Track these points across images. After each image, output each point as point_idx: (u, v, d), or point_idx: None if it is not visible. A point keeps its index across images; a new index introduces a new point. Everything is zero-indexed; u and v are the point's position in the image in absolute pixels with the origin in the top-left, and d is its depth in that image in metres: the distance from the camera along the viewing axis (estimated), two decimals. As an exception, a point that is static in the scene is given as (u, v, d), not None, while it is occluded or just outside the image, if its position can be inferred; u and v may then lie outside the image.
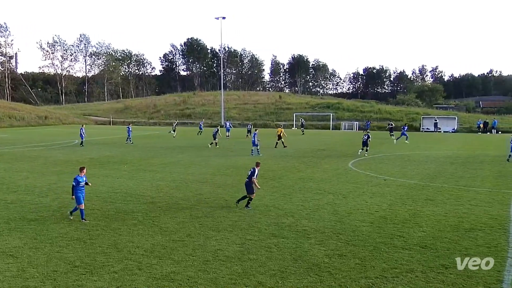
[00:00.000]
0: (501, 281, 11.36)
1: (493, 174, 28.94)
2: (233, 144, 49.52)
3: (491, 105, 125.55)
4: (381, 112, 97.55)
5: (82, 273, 11.68)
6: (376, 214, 18.01)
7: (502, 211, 18.70)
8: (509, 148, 36.04)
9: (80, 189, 16.68)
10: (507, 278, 11.50)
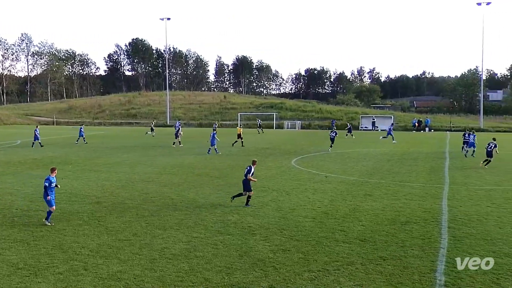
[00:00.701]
0: (434, 270, 11.80)
1: (426, 170, 29.98)
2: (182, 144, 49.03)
3: (424, 104, 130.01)
4: (322, 112, 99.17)
5: (25, 275, 11.29)
6: (318, 210, 18.31)
7: (435, 205, 19.41)
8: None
9: (52, 190, 15.99)
10: (440, 268, 11.95)
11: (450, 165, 32.10)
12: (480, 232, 15.29)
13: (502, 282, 11.03)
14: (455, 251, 13.29)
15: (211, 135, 39.58)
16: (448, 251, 13.26)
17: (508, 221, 16.70)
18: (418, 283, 10.98)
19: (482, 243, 14.03)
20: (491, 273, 11.57)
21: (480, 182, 25.03)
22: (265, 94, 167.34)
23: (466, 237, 14.71)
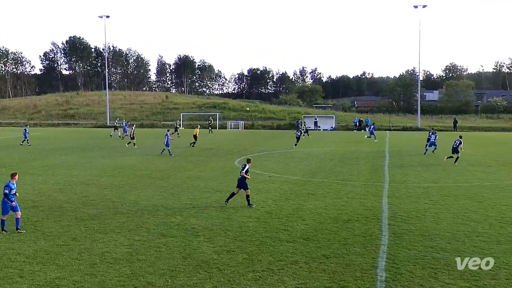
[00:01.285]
0: (376, 267, 12.13)
1: (367, 168, 30.77)
2: (120, 145, 48.02)
3: (365, 104, 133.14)
4: (265, 112, 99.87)
5: (-45, 285, 10.77)
6: (262, 210, 18.42)
7: (376, 202, 19.95)
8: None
9: (11, 197, 15.17)
10: (381, 264, 12.30)
11: (390, 164, 33.08)
12: (419, 228, 15.83)
13: (440, 276, 11.46)
14: (395, 247, 13.71)
15: (166, 136, 38.83)
16: (388, 248, 13.67)
17: (444, 217, 17.38)
18: (360, 280, 11.25)
19: (420, 239, 14.54)
20: (429, 267, 12.01)
21: (418, 180, 25.92)
22: (208, 94, 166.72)
23: (406, 233, 15.20)
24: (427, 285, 10.94)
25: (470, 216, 17.49)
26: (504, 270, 11.86)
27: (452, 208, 18.83)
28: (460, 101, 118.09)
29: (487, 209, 18.63)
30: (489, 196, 21.29)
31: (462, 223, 16.50)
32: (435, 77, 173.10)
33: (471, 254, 13.07)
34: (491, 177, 26.95)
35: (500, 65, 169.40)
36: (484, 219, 17.10)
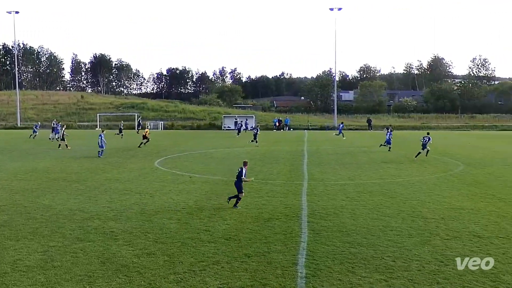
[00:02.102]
0: (296, 263, 12.37)
1: (287, 167, 31.32)
2: (33, 147, 45.85)
3: (284, 104, 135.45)
4: (185, 112, 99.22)
5: None
6: (183, 211, 18.26)
7: (295, 201, 20.36)
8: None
9: None
10: (301, 261, 12.57)
11: (309, 162, 33.88)
12: (336, 224, 16.33)
13: (357, 270, 11.88)
14: (314, 244, 14.05)
15: (99, 137, 37.41)
16: (308, 245, 13.99)
17: (360, 213, 18.03)
18: (281, 277, 11.43)
19: (338, 235, 15.00)
20: (347, 262, 12.42)
21: (335, 177, 26.73)
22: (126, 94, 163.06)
23: (324, 230, 15.63)
24: (345, 280, 11.31)
25: (384, 211, 18.27)
26: (415, 262, 12.49)
27: (367, 204, 19.58)
28: (374, 101, 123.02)
29: (400, 204, 19.54)
30: (401, 192, 22.34)
31: (377, 218, 17.20)
32: (350, 78, 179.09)
33: (385, 247, 13.66)
34: (403, 174, 28.29)
35: (410, 66, 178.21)
36: (397, 213, 17.92)
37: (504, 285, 10.97)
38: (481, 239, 14.64)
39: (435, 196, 21.24)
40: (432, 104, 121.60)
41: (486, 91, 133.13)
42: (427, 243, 14.17)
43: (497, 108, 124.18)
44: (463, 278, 11.36)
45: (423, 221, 16.76)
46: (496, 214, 17.91)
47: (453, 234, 15.18)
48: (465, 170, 29.72)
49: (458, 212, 18.13)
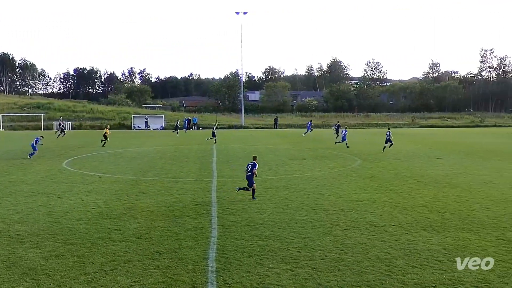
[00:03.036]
0: (207, 258, 12.36)
1: (196, 166, 31.19)
2: None
3: (193, 104, 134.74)
4: (94, 112, 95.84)
5: None
6: (92, 211, 17.63)
7: (205, 197, 20.34)
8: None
9: None
10: (211, 255, 12.58)
11: (218, 160, 33.96)
12: (245, 219, 16.51)
13: (265, 262, 12.09)
14: (224, 238, 14.12)
15: (35, 140, 35.10)
16: (218, 239, 14.03)
17: (267, 207, 18.35)
18: (192, 272, 11.38)
19: (247, 229, 15.17)
20: (255, 255, 12.59)
21: (243, 174, 26.80)
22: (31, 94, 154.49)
23: (233, 225, 15.74)
24: (253, 271, 11.46)
25: (289, 205, 18.72)
26: (318, 251, 12.93)
27: (274, 199, 19.97)
28: (278, 100, 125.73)
29: (304, 198, 20.12)
30: (305, 186, 23.01)
31: (283, 212, 17.59)
32: (256, 79, 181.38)
33: (291, 239, 14.01)
34: (306, 169, 29.14)
35: (311, 69, 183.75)
36: (301, 207, 18.43)
37: (397, 269, 11.63)
38: (377, 227, 15.42)
39: (335, 189, 22.09)
40: (332, 104, 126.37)
41: (379, 92, 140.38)
42: (329, 233, 14.71)
43: (389, 107, 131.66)
44: (361, 265, 11.91)
45: (325, 213, 17.36)
46: (389, 204, 18.95)
47: (352, 224, 15.87)
48: (362, 164, 31.15)
49: (356, 204, 18.97)
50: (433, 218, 16.61)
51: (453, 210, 17.82)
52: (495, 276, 11.16)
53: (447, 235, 14.52)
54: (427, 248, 13.22)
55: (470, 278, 11.03)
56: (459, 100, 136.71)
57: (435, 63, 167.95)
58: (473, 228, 15.30)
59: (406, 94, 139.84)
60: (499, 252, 12.90)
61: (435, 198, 20.12)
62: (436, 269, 11.63)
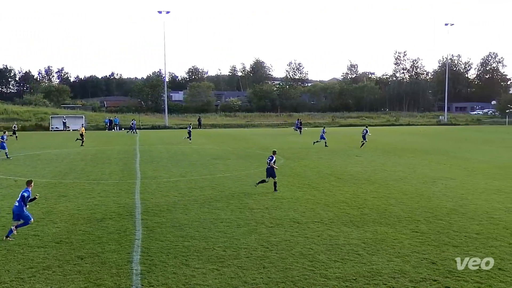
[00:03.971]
0: (131, 261, 12.10)
1: (119, 167, 30.40)
2: None
3: (115, 104, 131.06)
4: (8, 113, 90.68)
5: None
6: (8, 217, 16.69)
7: (129, 199, 19.87)
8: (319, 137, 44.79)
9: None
10: (136, 258, 12.33)
11: (141, 161, 33.29)
12: (170, 220, 16.32)
13: (190, 262, 12.01)
14: (148, 240, 13.87)
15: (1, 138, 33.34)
16: (143, 242, 13.77)
17: (192, 208, 18.24)
18: (116, 276, 11.09)
19: (172, 230, 15.00)
20: (181, 256, 12.49)
21: (168, 175, 26.66)
22: None
23: (158, 226, 15.51)
24: (179, 272, 11.35)
25: (214, 205, 18.71)
26: (244, 250, 13.02)
27: (199, 199, 19.88)
28: (202, 101, 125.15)
29: (229, 197, 20.18)
30: (230, 186, 23.08)
31: (208, 212, 17.55)
32: (180, 79, 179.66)
33: (216, 238, 14.02)
34: (231, 169, 29.24)
35: (235, 69, 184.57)
36: (226, 206, 18.47)
37: (320, 264, 11.95)
38: (300, 224, 15.77)
39: (260, 188, 22.31)
40: (255, 104, 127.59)
41: (301, 92, 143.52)
42: (254, 232, 14.85)
43: (310, 107, 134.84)
44: (285, 261, 12.12)
45: (249, 211, 17.51)
46: (311, 201, 19.43)
47: (276, 221, 16.12)
48: (285, 163, 31.68)
49: (280, 202, 19.28)
50: (353, 214, 17.23)
51: (371, 206, 18.57)
52: (410, 266, 11.75)
53: (366, 230, 15.11)
54: (347, 243, 13.69)
55: (388, 269, 11.54)
56: (375, 100, 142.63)
57: (353, 65, 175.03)
58: (390, 222, 16.03)
59: (327, 94, 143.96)
60: (413, 243, 13.60)
61: (354, 194, 20.87)
62: (356, 262, 12.07)
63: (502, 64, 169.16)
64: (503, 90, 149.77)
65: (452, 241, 13.83)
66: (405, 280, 10.90)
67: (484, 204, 18.78)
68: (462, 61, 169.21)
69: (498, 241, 13.88)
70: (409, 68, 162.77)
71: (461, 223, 15.86)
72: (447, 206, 18.42)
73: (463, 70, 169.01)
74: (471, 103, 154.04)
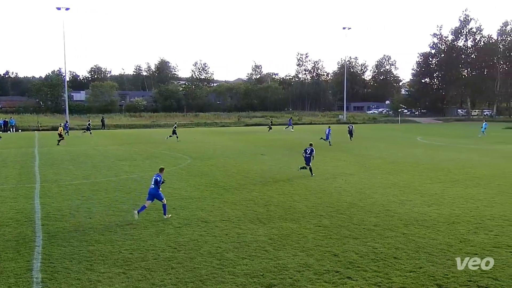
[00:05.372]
0: (31, 269, 11.45)
1: (16, 170, 28.62)
2: None
3: (10, 105, 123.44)
4: None
5: None
6: None
7: (28, 204, 18.77)
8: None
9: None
10: (36, 266, 11.69)
11: (40, 164, 31.54)
12: (73, 224, 15.64)
13: (95, 267, 11.59)
14: (50, 247, 13.20)
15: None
16: (43, 248, 13.08)
17: (97, 211, 17.60)
18: (14, 286, 10.46)
19: (75, 235, 14.38)
20: (85, 261, 12.02)
21: (70, 178, 25.50)
22: None
23: (60, 231, 14.80)
24: (83, 278, 10.92)
25: (120, 207, 18.18)
26: (151, 252, 12.78)
27: (103, 202, 19.21)
28: (106, 100, 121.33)
29: (135, 199, 19.67)
30: (136, 187, 22.52)
31: (113, 215, 17.03)
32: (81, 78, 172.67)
33: (123, 241, 13.64)
34: (137, 170, 28.57)
35: (139, 68, 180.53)
36: (133, 208, 18.01)
37: (228, 261, 12.03)
38: (208, 223, 15.78)
39: (167, 188, 21.95)
40: (161, 104, 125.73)
41: (207, 92, 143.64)
42: (162, 233, 14.63)
43: (216, 107, 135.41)
44: (194, 261, 12.07)
45: (157, 212, 17.20)
46: (219, 200, 19.50)
47: (184, 222, 16.00)
48: (192, 163, 31.53)
49: (188, 202, 19.16)
50: (260, 211, 17.52)
51: (277, 203, 19.00)
52: (314, 259, 12.18)
53: (272, 226, 15.43)
54: (254, 240, 13.90)
55: (293, 264, 11.88)
56: (279, 100, 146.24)
57: (257, 65, 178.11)
58: (295, 218, 16.50)
59: (232, 94, 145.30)
60: (317, 238, 14.11)
61: (261, 192, 21.23)
62: (263, 258, 12.29)
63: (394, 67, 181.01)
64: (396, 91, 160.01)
65: (352, 234, 14.52)
66: (309, 273, 11.27)
67: (381, 198, 19.90)
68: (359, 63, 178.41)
69: (393, 231, 14.76)
70: (310, 69, 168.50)
71: (360, 216, 16.68)
72: (347, 201, 19.29)
73: (360, 71, 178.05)
74: (367, 103, 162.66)
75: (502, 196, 20.19)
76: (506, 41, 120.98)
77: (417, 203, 18.83)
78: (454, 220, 16.13)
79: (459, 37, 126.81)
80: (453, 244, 13.47)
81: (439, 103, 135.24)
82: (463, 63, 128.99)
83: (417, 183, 23.48)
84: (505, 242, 13.63)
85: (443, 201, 19.21)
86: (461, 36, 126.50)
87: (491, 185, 22.88)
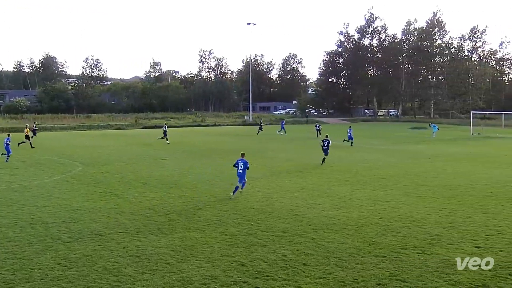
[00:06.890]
0: None
1: None
2: None
3: None
4: None
5: None
6: None
7: None
8: None
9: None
10: None
11: None
12: None
13: None
14: None
15: None
16: None
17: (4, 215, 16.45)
18: None
19: None
20: (-43, 285, 11.17)
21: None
22: None
23: None
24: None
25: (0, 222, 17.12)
26: (38, 271, 12.18)
27: (-21, 217, 17.97)
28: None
29: (17, 212, 18.62)
30: (18, 199, 21.31)
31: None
32: None
33: (3, 261, 12.87)
34: (18, 179, 27.03)
35: (21, 64, 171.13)
36: (15, 222, 17.04)
37: (126, 278, 11.74)
38: (103, 236, 15.29)
39: (55, 199, 21.08)
40: (47, 104, 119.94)
41: (100, 91, 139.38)
42: (49, 249, 13.96)
43: (111, 107, 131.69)
44: (87, 279, 11.65)
45: (43, 227, 16.41)
46: (115, 210, 18.97)
47: (76, 236, 15.39)
48: (84, 170, 30.42)
49: (79, 213, 18.45)
50: (161, 221, 17.28)
51: (180, 211, 18.86)
52: (221, 270, 12.21)
53: (175, 237, 15.28)
54: (155, 252, 13.68)
55: (198, 276, 11.84)
56: (181, 99, 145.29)
57: (156, 63, 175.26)
58: (199, 227, 16.46)
59: (129, 94, 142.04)
60: (223, 247, 14.17)
61: (162, 200, 20.95)
62: (165, 272, 12.13)
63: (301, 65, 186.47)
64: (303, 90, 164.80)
65: (260, 241, 14.75)
66: (216, 285, 11.29)
67: (289, 202, 20.41)
68: (265, 61, 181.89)
69: (302, 237, 15.19)
70: (214, 67, 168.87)
71: (268, 223, 16.99)
72: (254, 207, 19.57)
73: (266, 70, 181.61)
74: (274, 103, 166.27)
75: (408, 197, 21.53)
76: (410, 41, 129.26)
77: (326, 207, 19.54)
78: (363, 223, 16.93)
79: (365, 36, 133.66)
80: (362, 247, 14.13)
81: (346, 103, 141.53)
82: (369, 62, 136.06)
83: (326, 186, 24.38)
84: (411, 243, 14.53)
85: (351, 204, 20.11)
86: (367, 35, 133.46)
87: (397, 186, 24.32)
